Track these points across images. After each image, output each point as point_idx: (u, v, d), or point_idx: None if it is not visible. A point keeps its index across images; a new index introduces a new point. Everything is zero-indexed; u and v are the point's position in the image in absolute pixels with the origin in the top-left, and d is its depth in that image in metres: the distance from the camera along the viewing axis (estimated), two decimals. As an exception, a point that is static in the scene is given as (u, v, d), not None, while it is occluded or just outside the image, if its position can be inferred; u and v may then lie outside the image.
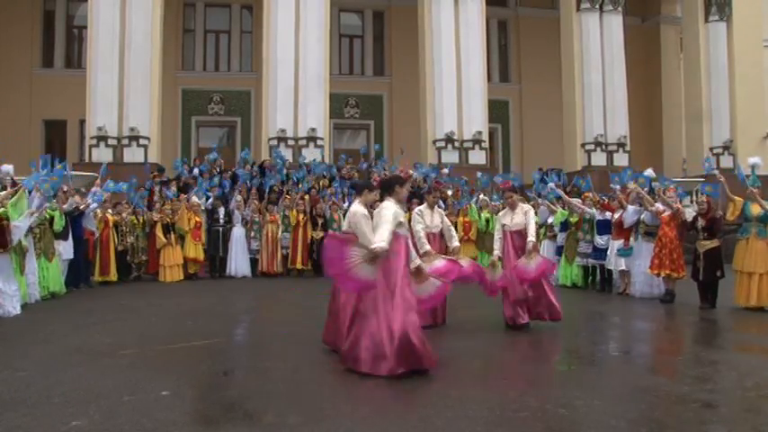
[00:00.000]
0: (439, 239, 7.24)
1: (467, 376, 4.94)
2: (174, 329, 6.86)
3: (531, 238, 6.75)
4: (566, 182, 14.04)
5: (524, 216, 6.92)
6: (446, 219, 7.44)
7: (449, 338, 6.30)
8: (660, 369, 5.33)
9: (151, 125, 16.94)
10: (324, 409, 3.95)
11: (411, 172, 11.84)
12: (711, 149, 20.36)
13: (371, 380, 4.64)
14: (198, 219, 12.62)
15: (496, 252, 6.93)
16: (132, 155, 16.64)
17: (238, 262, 13.00)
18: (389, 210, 4.96)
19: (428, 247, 6.61)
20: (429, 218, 7.20)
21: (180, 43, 22.90)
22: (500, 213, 7.22)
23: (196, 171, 15.47)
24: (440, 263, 6.22)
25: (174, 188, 14.07)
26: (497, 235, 7.04)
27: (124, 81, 16.72)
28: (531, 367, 5.34)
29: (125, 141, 16.70)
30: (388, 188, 5.20)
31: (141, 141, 16.74)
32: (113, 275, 11.50)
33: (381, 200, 5.24)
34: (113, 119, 16.64)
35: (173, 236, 12.24)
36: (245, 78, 22.85)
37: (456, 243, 6.98)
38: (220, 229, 13.03)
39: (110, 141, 16.62)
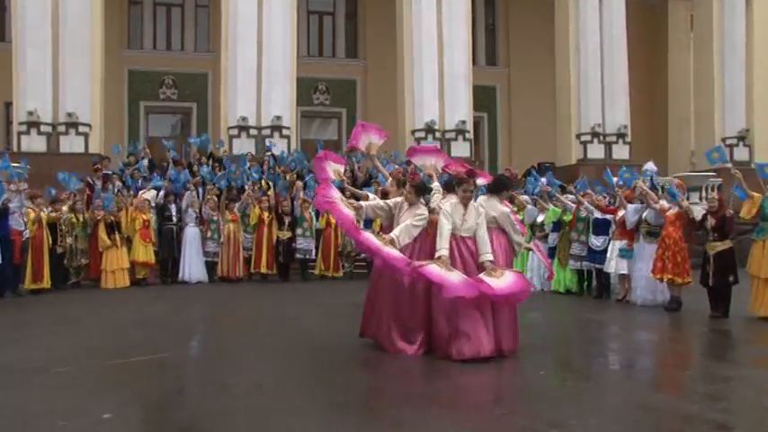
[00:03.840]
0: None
1: (448, 393, 4.93)
2: (119, 342, 6.76)
3: (487, 256, 5.87)
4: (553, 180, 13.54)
5: (476, 218, 6.04)
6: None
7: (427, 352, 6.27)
8: (665, 385, 5.37)
9: (92, 110, 16.61)
10: (291, 429, 3.90)
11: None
12: (724, 140, 19.98)
13: (342, 395, 4.63)
14: (145, 217, 12.42)
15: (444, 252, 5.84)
16: (70, 144, 16.32)
17: (192, 266, 12.86)
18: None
19: (445, 251, 5.84)
20: (460, 216, 6.08)
21: (125, 17, 22.49)
22: (446, 204, 6.12)
23: (146, 162, 15.25)
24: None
25: (118, 182, 13.84)
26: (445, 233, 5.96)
27: (59, 58, 16.29)
28: (520, 382, 5.34)
29: (61, 129, 16.35)
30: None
31: (81, 129, 16.42)
32: (47, 282, 11.25)
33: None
34: (47, 102, 16.26)
35: (117, 236, 12.03)
36: (202, 59, 22.59)
37: (488, 257, 5.96)
38: (173, 228, 12.85)
39: (43, 128, 16.25)
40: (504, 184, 6.63)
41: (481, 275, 5.77)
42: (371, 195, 7.47)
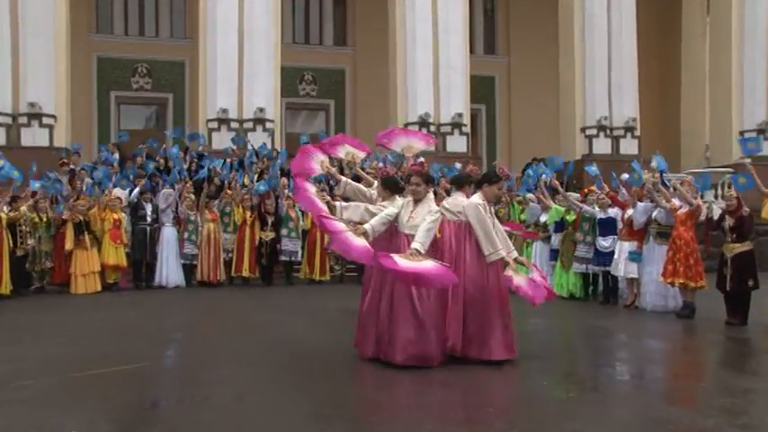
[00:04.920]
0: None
1: (444, 405, 4.92)
2: (88, 353, 6.72)
3: (415, 245, 5.77)
4: (569, 170, 13.41)
5: (424, 212, 6.09)
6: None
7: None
8: (678, 398, 5.37)
9: (57, 100, 16.50)
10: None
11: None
12: (742, 133, 19.68)
13: (329, 407, 4.62)
14: (116, 216, 12.35)
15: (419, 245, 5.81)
16: (33, 137, 16.20)
17: (169, 269, 12.81)
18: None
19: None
20: (408, 212, 6.29)
21: (94, -2, 22.38)
22: (400, 201, 6.27)
23: (117, 156, 15.19)
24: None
25: (87, 178, 13.75)
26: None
27: (18, 43, 16.13)
28: (521, 394, 5.35)
29: (23, 120, 16.22)
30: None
31: (45, 120, 16.30)
32: (6, 287, 11.16)
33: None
34: (6, 91, 16.12)
35: (87, 237, 11.94)
36: (178, 46, 22.52)
37: (416, 245, 5.93)
38: (147, 228, 12.79)
39: (2, 119, 16.12)
40: (462, 178, 6.72)
41: (395, 255, 5.62)
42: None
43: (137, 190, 13.03)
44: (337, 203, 6.27)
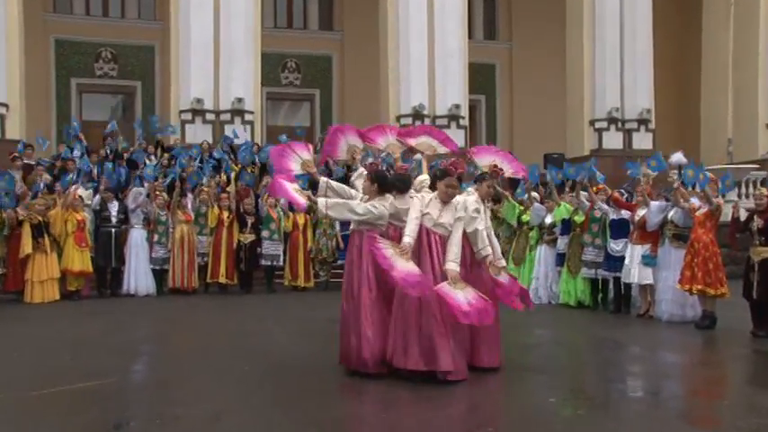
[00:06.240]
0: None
1: (441, 423, 4.92)
2: (47, 368, 6.68)
3: (452, 265, 5.95)
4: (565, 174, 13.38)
5: (451, 214, 6.20)
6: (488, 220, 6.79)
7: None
8: (698, 418, 5.36)
9: (9, 87, 16.47)
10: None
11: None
12: None
13: (314, 426, 4.64)
14: (79, 216, 12.27)
15: (409, 240, 6.00)
16: (-20, 128, 16.16)
17: (138, 275, 12.75)
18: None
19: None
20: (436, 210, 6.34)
21: (50, -26, 22.30)
22: (427, 198, 6.34)
23: (77, 152, 15.08)
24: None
25: (46, 175, 13.67)
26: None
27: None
28: (526, 411, 5.34)
29: (-31, 110, 16.18)
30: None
31: (-5, 110, 16.27)
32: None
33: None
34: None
35: (46, 240, 11.84)
36: (147, 29, 22.51)
37: (453, 266, 6.06)
38: (113, 231, 12.71)
39: (-55, 109, 16.09)
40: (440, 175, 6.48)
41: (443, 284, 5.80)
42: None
43: (97, 198, 12.86)
44: (320, 200, 6.27)
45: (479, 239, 6.23)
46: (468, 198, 6.39)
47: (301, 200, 6.35)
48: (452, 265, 5.92)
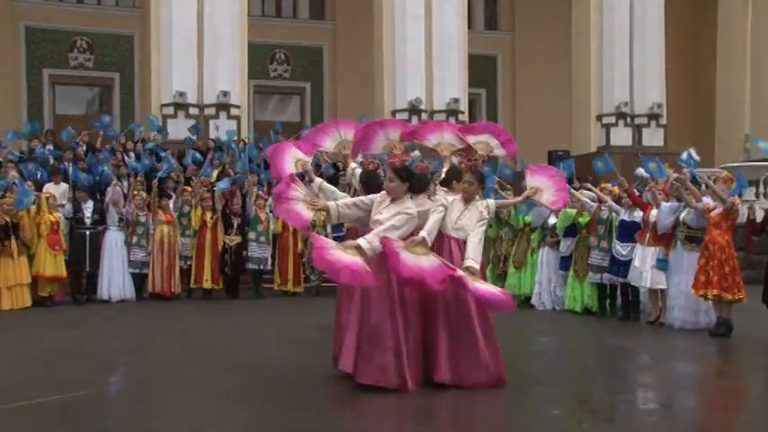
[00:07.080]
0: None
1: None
2: (17, 380, 6.66)
3: (471, 262, 6.06)
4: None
5: (474, 217, 6.31)
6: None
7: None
8: (712, 431, 5.35)
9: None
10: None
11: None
12: None
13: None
14: (53, 217, 12.23)
15: (425, 235, 6.02)
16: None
17: (114, 280, 12.73)
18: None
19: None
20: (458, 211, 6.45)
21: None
22: (450, 198, 6.41)
23: (50, 148, 15.07)
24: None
25: (13, 172, 13.61)
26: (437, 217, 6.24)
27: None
28: (528, 423, 5.34)
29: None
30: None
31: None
32: None
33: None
34: None
35: (13, 242, 11.79)
36: (125, 17, 22.49)
37: (473, 263, 6.13)
38: (87, 233, 12.68)
39: None
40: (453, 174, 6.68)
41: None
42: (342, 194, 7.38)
43: (68, 205, 12.80)
44: (332, 204, 6.21)
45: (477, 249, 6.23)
46: (490, 201, 6.55)
47: (305, 214, 6.16)
48: (472, 263, 5.99)
